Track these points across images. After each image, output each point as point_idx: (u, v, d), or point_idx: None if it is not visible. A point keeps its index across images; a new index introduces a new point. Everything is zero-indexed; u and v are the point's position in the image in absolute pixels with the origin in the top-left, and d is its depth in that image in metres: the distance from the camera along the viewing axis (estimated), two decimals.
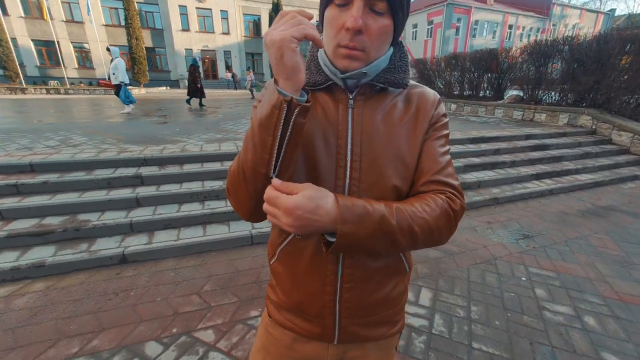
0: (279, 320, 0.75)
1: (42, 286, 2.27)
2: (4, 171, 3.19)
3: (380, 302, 0.70)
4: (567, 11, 33.12)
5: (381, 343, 0.75)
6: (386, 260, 0.67)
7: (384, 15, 0.56)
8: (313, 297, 0.68)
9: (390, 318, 0.74)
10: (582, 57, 6.96)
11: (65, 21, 21.79)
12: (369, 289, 0.67)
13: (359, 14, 0.53)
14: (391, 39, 0.61)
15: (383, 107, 0.65)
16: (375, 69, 0.62)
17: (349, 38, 0.56)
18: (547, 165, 4.99)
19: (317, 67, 0.66)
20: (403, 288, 0.74)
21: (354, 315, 0.68)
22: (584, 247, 2.96)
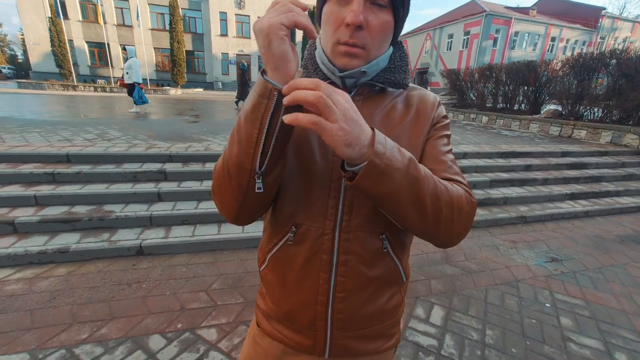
0: (268, 331, 0.71)
1: (64, 271, 2.41)
2: (44, 160, 3.45)
3: (375, 314, 0.66)
4: (618, 24, 31.00)
5: (375, 358, 0.71)
6: (382, 268, 0.63)
7: (385, 10, 0.54)
8: (304, 306, 0.64)
9: (385, 331, 0.69)
10: (632, 72, 6.45)
11: (117, 25, 23.54)
12: (363, 299, 0.63)
13: (359, 9, 0.51)
14: (391, 36, 0.59)
15: (382, 108, 0.62)
16: (375, 69, 0.59)
17: (349, 34, 0.53)
18: (583, 185, 4.63)
19: (314, 65, 0.64)
20: (399, 300, 0.70)
21: (346, 327, 0.64)
22: (621, 276, 2.69)
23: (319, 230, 0.60)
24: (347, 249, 0.60)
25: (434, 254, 2.93)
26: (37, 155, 3.46)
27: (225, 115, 8.97)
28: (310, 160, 0.60)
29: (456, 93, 12.66)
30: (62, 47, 19.51)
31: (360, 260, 0.61)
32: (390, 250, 0.63)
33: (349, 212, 0.59)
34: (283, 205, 0.63)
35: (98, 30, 22.46)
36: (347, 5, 0.53)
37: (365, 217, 0.60)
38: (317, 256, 0.61)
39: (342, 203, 0.59)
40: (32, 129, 5.08)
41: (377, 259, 0.62)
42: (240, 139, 0.50)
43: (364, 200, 0.59)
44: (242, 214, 0.58)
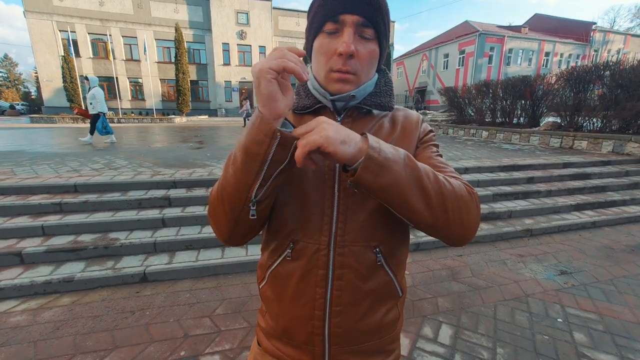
0: (268, 349, 0.72)
1: (68, 301, 2.41)
2: (52, 191, 3.54)
3: (372, 328, 0.66)
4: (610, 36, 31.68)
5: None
6: (376, 281, 0.64)
7: (371, 41, 0.60)
8: (301, 321, 0.65)
9: (384, 347, 0.70)
10: (627, 82, 6.54)
11: (125, 60, 24.65)
12: (360, 313, 0.64)
13: (350, 40, 0.57)
14: (377, 63, 0.65)
15: (370, 128, 0.67)
16: (363, 93, 0.65)
17: (342, 62, 0.59)
18: (588, 195, 4.58)
19: (305, 91, 0.69)
20: (397, 314, 0.71)
21: (344, 342, 0.65)
22: (634, 287, 2.61)
23: (314, 246, 0.63)
24: (342, 264, 0.62)
25: (439, 271, 2.89)
26: (45, 187, 3.55)
27: (229, 140, 9.16)
28: (303, 178, 0.63)
29: (455, 110, 12.84)
30: (73, 82, 20.40)
31: (355, 274, 0.62)
32: (384, 263, 0.64)
33: (342, 227, 0.62)
34: (281, 224, 0.65)
35: (107, 66, 23.52)
36: (337, 38, 0.59)
37: (359, 232, 0.62)
38: (313, 271, 0.63)
39: (335, 219, 0.62)
40: (42, 161, 5.23)
41: (371, 273, 0.63)
42: (237, 170, 0.53)
43: (357, 215, 0.62)
44: (234, 236, 0.61)
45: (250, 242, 3.16)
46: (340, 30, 0.59)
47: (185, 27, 24.84)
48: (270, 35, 26.88)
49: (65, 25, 22.31)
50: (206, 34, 25.87)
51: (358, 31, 0.58)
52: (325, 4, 0.59)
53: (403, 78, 38.37)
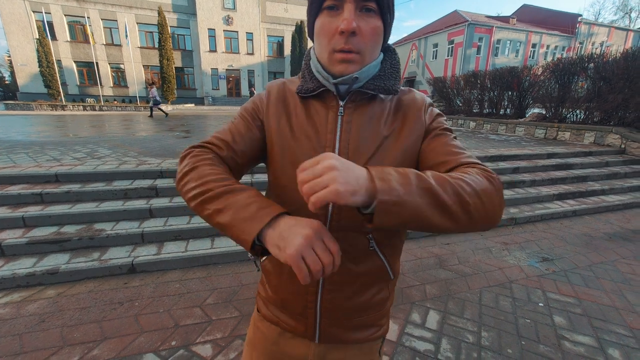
0: (266, 315, 0.77)
1: (54, 293, 2.35)
2: (32, 180, 3.41)
3: (361, 307, 0.70)
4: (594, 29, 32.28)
5: (364, 346, 0.75)
6: (369, 264, 0.66)
7: (374, 16, 0.57)
8: (297, 296, 0.69)
9: (372, 322, 0.73)
10: (609, 75, 6.71)
11: (105, 44, 23.61)
12: (350, 292, 0.68)
13: (352, 17, 0.54)
14: (382, 41, 0.62)
15: (373, 115, 0.65)
16: (367, 75, 0.62)
17: (344, 41, 0.56)
18: (570, 185, 4.74)
19: (310, 74, 0.67)
20: (387, 294, 0.74)
21: (334, 316, 0.69)
22: (610, 272, 2.74)
23: None
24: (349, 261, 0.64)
25: (427, 259, 2.95)
26: (24, 176, 3.41)
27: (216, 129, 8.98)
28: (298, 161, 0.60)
29: (443, 100, 12.94)
30: (50, 67, 19.45)
31: (348, 257, 0.64)
32: (376, 248, 0.66)
33: (338, 214, 0.63)
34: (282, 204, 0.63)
35: (87, 50, 22.51)
36: (338, 15, 0.56)
37: (354, 218, 0.61)
38: None
39: (332, 205, 0.62)
40: (20, 149, 5.02)
41: (363, 257, 0.65)
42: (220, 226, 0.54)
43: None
44: None
45: None
46: (340, 7, 0.56)
47: (168, 10, 23.90)
48: (258, 21, 26.18)
49: (39, 5, 21.11)
50: (191, 19, 24.98)
51: (359, 5, 0.56)
52: None
53: None
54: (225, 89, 26.92)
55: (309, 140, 0.64)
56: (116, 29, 23.48)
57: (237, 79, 27.22)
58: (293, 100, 0.69)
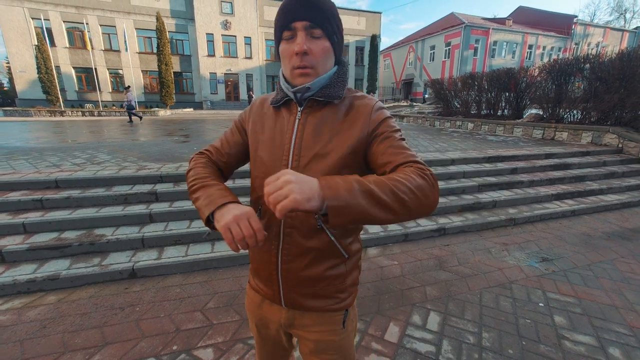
0: (252, 284, 0.96)
1: (54, 299, 2.35)
2: (32, 187, 3.42)
3: (315, 278, 0.82)
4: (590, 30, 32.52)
5: (324, 315, 0.86)
6: (318, 241, 0.78)
7: (322, 39, 0.73)
8: (264, 265, 0.85)
9: (330, 294, 0.85)
10: (605, 75, 6.76)
11: (104, 50, 23.69)
12: (303, 264, 0.80)
13: (303, 41, 0.71)
14: (333, 56, 0.78)
15: (325, 118, 0.78)
16: (318, 85, 0.76)
17: (299, 60, 0.72)
18: (568, 185, 4.76)
19: (280, 89, 0.83)
20: (343, 270, 0.84)
21: (292, 284, 0.83)
22: (610, 272, 2.75)
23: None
24: (290, 224, 0.79)
25: (427, 261, 2.96)
26: (24, 183, 3.42)
27: (215, 133, 9.01)
28: (265, 161, 0.81)
29: (441, 102, 13.00)
30: (49, 73, 19.49)
31: (300, 234, 0.78)
32: (323, 227, 0.77)
33: None
34: (253, 191, 0.87)
35: (85, 56, 22.57)
36: (294, 42, 0.72)
37: None
38: (271, 228, 0.81)
39: None
40: (19, 156, 5.03)
41: (313, 234, 0.78)
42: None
43: None
44: None
45: None
46: (294, 36, 0.72)
47: (166, 16, 24.00)
48: (256, 25, 26.31)
49: (37, 12, 21.19)
50: (189, 24, 25.09)
51: (309, 33, 0.71)
52: (280, 17, 0.73)
53: (390, 70, 38.42)
54: (223, 93, 26.98)
55: (274, 139, 0.81)
56: (115, 35, 23.58)
57: (236, 83, 27.30)
58: (268, 110, 0.86)
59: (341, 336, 0.89)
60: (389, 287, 2.54)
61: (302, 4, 0.70)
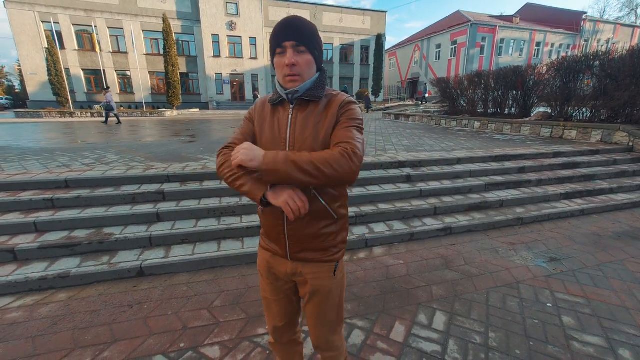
0: (263, 245, 1.21)
1: (65, 296, 2.40)
2: (43, 187, 3.48)
3: (313, 235, 1.06)
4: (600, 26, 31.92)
5: (320, 266, 1.11)
6: (313, 206, 1.00)
7: (305, 53, 0.97)
8: (273, 228, 1.11)
9: (324, 248, 1.09)
10: (615, 72, 6.64)
11: (112, 52, 24.05)
12: (303, 225, 1.05)
13: (291, 56, 0.96)
14: (315, 66, 1.02)
15: (310, 112, 1.01)
16: (303, 88, 1.00)
17: (289, 70, 0.97)
18: (577, 184, 4.69)
19: (276, 91, 1.07)
20: (334, 229, 1.09)
21: (296, 241, 1.08)
22: (620, 272, 2.71)
23: None
24: None
25: (433, 260, 2.95)
26: (36, 183, 3.49)
27: (221, 134, 9.08)
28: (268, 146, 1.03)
29: (447, 101, 12.90)
30: (59, 75, 19.83)
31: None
32: (316, 194, 1.02)
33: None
34: None
35: (94, 58, 22.94)
36: (284, 56, 0.97)
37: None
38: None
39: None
40: (31, 156, 5.13)
41: (310, 201, 0.97)
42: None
43: None
44: None
45: (246, 235, 3.18)
46: (285, 51, 0.96)
47: (173, 17, 24.25)
48: (261, 25, 26.42)
49: (47, 16, 21.60)
50: (195, 25, 25.31)
51: (295, 49, 0.95)
52: (273, 38, 0.98)
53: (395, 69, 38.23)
54: (229, 94, 27.16)
55: (273, 129, 1.05)
56: (122, 37, 23.93)
57: (241, 83, 27.46)
58: (267, 108, 1.09)
59: (332, 283, 1.14)
60: (395, 286, 2.54)
61: (290, 28, 0.95)
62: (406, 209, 3.66)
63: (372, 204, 3.75)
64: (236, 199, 3.56)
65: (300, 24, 0.95)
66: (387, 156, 4.96)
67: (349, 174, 0.87)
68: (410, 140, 7.21)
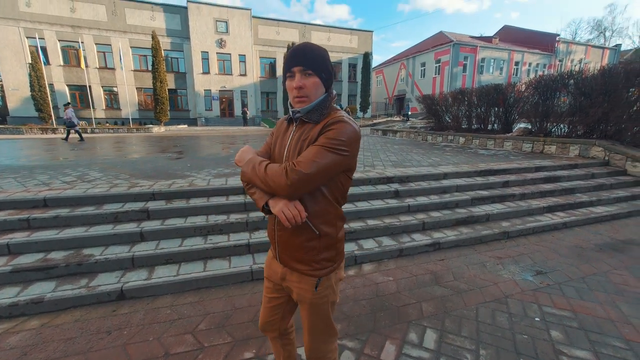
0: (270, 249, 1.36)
1: (37, 324, 2.26)
2: (18, 206, 3.34)
3: (297, 246, 1.15)
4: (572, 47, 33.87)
5: (303, 277, 1.18)
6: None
7: (313, 76, 1.07)
8: (270, 232, 1.25)
9: (307, 261, 1.16)
10: (589, 90, 6.99)
11: (99, 68, 23.84)
12: (287, 235, 1.16)
13: (299, 79, 1.06)
14: (323, 87, 1.11)
15: (305, 130, 1.11)
16: (305, 110, 1.10)
17: (297, 92, 1.08)
18: (559, 197, 4.82)
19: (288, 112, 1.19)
20: (317, 245, 1.14)
21: (283, 247, 1.20)
22: (603, 284, 2.75)
23: None
24: None
25: (423, 276, 2.93)
26: (11, 202, 3.35)
27: (209, 150, 9.01)
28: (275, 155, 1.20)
29: (433, 117, 13.24)
30: (42, 91, 19.50)
31: None
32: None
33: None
34: None
35: (80, 74, 22.68)
36: (293, 80, 1.08)
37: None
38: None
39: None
40: (8, 174, 4.95)
41: None
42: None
43: None
44: None
45: (233, 254, 3.10)
46: (294, 75, 1.07)
47: (162, 35, 24.40)
48: (251, 43, 26.86)
49: (33, 31, 21.39)
50: (184, 42, 25.52)
51: (303, 73, 1.06)
52: (285, 63, 1.10)
53: (382, 86, 39.25)
54: (218, 110, 27.19)
55: (281, 144, 1.17)
56: (110, 53, 23.82)
57: (230, 100, 27.57)
58: (283, 125, 1.24)
59: (314, 296, 1.19)
60: (385, 304, 2.50)
61: (298, 55, 1.06)
62: (395, 224, 3.66)
63: (360, 220, 3.75)
64: (223, 216, 3.50)
65: (307, 50, 1.06)
66: (375, 172, 5.01)
67: (280, 187, 1.00)
68: (398, 156, 7.31)
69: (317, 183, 1.02)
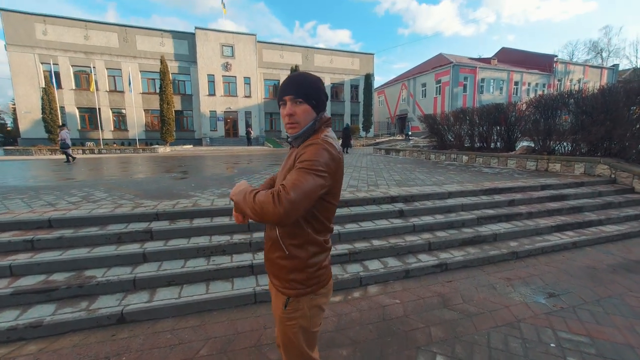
0: None
1: (35, 349, 2.20)
2: (24, 227, 3.35)
3: (272, 261, 1.22)
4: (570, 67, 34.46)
5: (277, 293, 1.23)
6: (273, 234, 1.18)
7: (303, 103, 1.12)
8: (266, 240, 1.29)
9: (280, 277, 1.20)
10: (590, 109, 7.03)
11: (109, 91, 24.62)
12: (267, 247, 1.24)
13: (289, 108, 1.13)
14: (313, 113, 1.15)
15: (291, 154, 1.17)
16: (293, 137, 1.17)
17: (288, 118, 1.14)
18: (567, 216, 4.73)
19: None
20: (286, 264, 1.17)
21: (265, 261, 1.27)
22: (620, 307, 2.64)
23: None
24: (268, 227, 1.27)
25: (430, 299, 2.85)
26: (16, 223, 3.36)
27: (214, 170, 9.08)
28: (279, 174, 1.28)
29: (435, 136, 13.33)
30: (53, 114, 20.07)
31: (269, 226, 1.24)
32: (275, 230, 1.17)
33: None
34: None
35: (90, 97, 23.40)
36: (285, 107, 1.14)
37: None
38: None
39: None
40: (15, 195, 5.00)
41: (272, 228, 1.20)
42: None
43: None
44: None
45: (236, 275, 3.05)
46: (285, 104, 1.14)
47: (170, 59, 25.30)
48: (255, 66, 27.71)
49: (47, 57, 22.30)
50: (191, 66, 26.39)
51: (293, 101, 1.12)
52: (278, 93, 1.17)
53: (384, 106, 39.88)
54: (223, 130, 27.67)
55: (284, 164, 1.22)
56: (120, 77, 24.66)
57: (235, 120, 28.10)
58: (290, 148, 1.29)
59: (283, 314, 1.19)
60: (392, 328, 2.41)
61: (289, 85, 1.13)
62: (400, 244, 3.60)
63: (365, 240, 3.69)
64: (227, 237, 3.47)
65: (298, 79, 1.13)
66: (379, 191, 4.98)
67: (270, 216, 0.96)
68: (401, 175, 7.31)
69: (303, 204, 0.97)
